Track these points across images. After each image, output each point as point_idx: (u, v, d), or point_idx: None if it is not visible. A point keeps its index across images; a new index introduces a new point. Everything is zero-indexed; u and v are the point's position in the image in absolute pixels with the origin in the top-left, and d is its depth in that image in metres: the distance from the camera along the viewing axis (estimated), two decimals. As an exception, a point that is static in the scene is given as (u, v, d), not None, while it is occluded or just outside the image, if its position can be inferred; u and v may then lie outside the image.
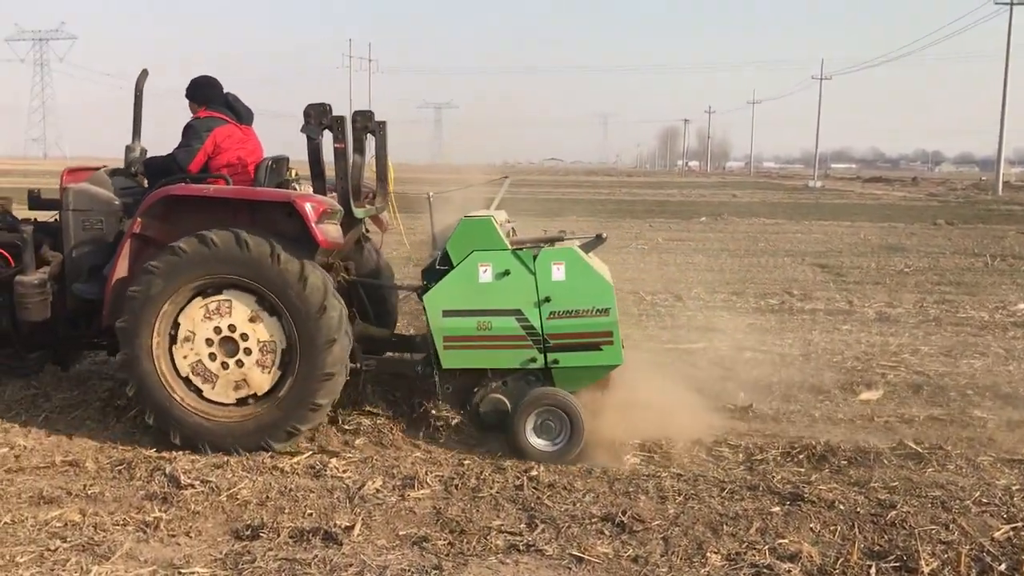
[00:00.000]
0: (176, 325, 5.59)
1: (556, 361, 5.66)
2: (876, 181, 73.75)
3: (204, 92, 6.38)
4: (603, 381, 6.07)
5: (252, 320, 5.56)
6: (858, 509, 4.82)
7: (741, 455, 5.71)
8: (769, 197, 43.96)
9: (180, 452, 5.55)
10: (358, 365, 5.96)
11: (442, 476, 5.24)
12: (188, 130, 6.17)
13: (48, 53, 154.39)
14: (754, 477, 5.31)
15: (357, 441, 5.86)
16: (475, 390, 5.79)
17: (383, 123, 6.16)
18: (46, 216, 6.48)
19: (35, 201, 6.60)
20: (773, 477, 5.27)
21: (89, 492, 4.97)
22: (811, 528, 4.60)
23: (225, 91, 6.44)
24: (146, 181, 6.25)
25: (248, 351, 5.57)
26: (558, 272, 5.60)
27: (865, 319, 10.52)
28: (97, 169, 6.37)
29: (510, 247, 5.68)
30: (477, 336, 5.64)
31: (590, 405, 5.96)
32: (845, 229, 23.49)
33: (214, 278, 5.53)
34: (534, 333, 5.62)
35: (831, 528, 4.60)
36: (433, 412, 6.05)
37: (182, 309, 5.57)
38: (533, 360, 5.66)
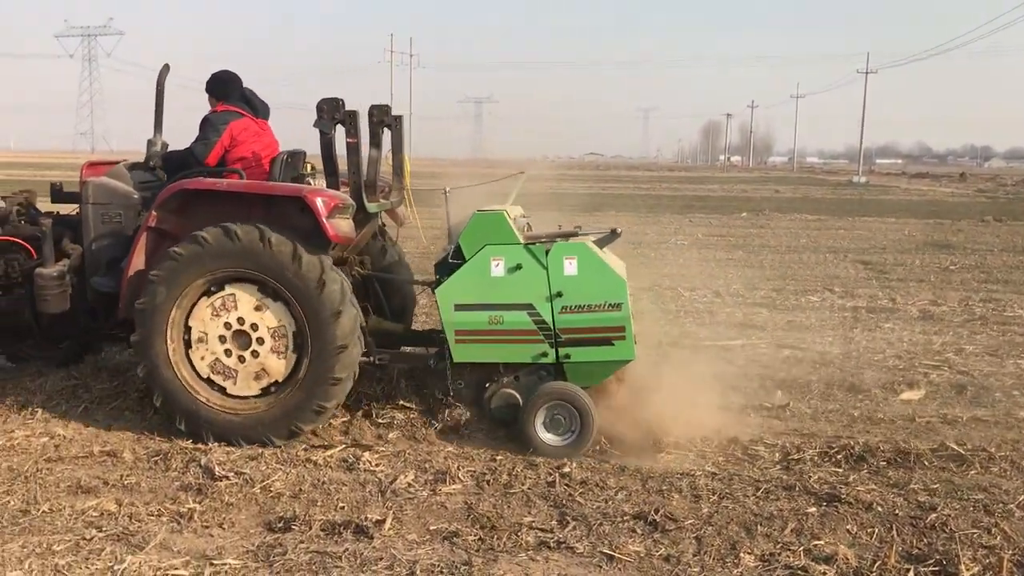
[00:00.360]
0: (188, 329, 5.66)
1: (568, 356, 5.63)
2: (922, 177, 72.55)
3: (223, 86, 6.44)
4: (639, 378, 6.03)
5: (258, 309, 5.60)
6: (897, 511, 4.72)
7: (777, 454, 5.62)
8: (812, 193, 43.41)
9: (215, 444, 5.61)
10: (372, 359, 5.97)
11: (474, 471, 5.23)
12: (205, 124, 6.24)
13: (96, 49, 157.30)
14: (790, 477, 5.22)
15: (390, 435, 5.87)
16: (487, 385, 5.79)
17: (399, 117, 6.18)
18: (69, 209, 6.58)
19: (57, 194, 6.72)
20: (809, 477, 5.18)
21: (125, 482, 5.03)
22: (848, 530, 4.52)
23: (244, 86, 6.48)
24: (165, 175, 6.31)
25: (261, 340, 5.61)
26: (570, 267, 5.57)
27: (908, 317, 10.33)
28: (117, 163, 6.45)
29: (523, 241, 5.66)
30: (489, 330, 5.63)
31: (624, 402, 5.93)
32: (889, 226, 23.10)
33: (215, 275, 5.58)
34: (546, 328, 5.59)
35: (868, 530, 4.51)
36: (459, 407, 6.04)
37: (190, 312, 5.64)
38: (545, 355, 5.64)
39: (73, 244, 6.28)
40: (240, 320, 5.61)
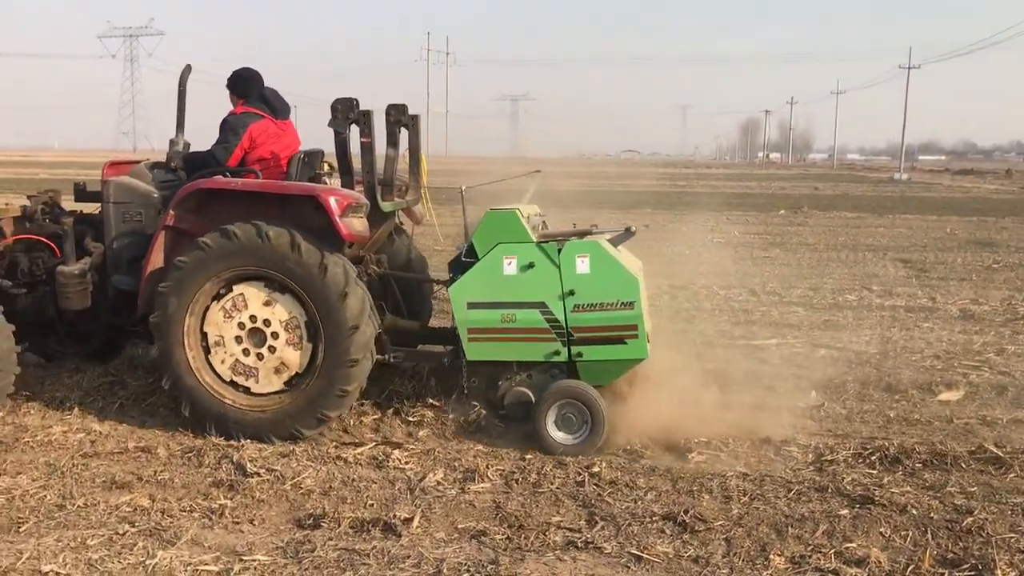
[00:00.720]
0: (204, 335, 5.73)
1: (580, 354, 5.62)
2: (966, 173, 71.21)
3: (244, 85, 6.48)
4: (672, 377, 5.99)
5: (267, 304, 5.66)
6: (932, 514, 4.64)
7: (810, 455, 5.54)
8: (852, 190, 42.85)
9: (248, 440, 5.66)
10: (387, 357, 5.99)
11: (503, 470, 5.22)
12: (224, 126, 6.29)
13: (138, 49, 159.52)
14: (823, 478, 5.15)
15: (420, 433, 5.88)
16: (499, 383, 5.79)
17: (416, 116, 6.27)
18: (93, 208, 6.68)
19: (81, 193, 6.84)
20: (843, 479, 5.11)
21: (159, 478, 5.10)
22: (881, 532, 4.45)
23: (265, 85, 6.52)
24: (185, 175, 6.38)
25: (275, 335, 5.68)
26: (583, 265, 5.55)
27: (948, 316, 10.14)
28: (138, 163, 6.53)
29: (535, 240, 5.65)
30: (501, 328, 5.64)
31: (655, 401, 5.89)
32: (931, 223, 22.73)
33: (220, 277, 5.65)
34: (558, 326, 5.58)
35: (902, 533, 4.44)
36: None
37: (204, 318, 5.71)
38: (557, 353, 5.63)
39: (95, 242, 6.40)
40: (252, 318, 5.68)
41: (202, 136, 6.57)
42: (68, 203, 6.98)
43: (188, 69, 6.82)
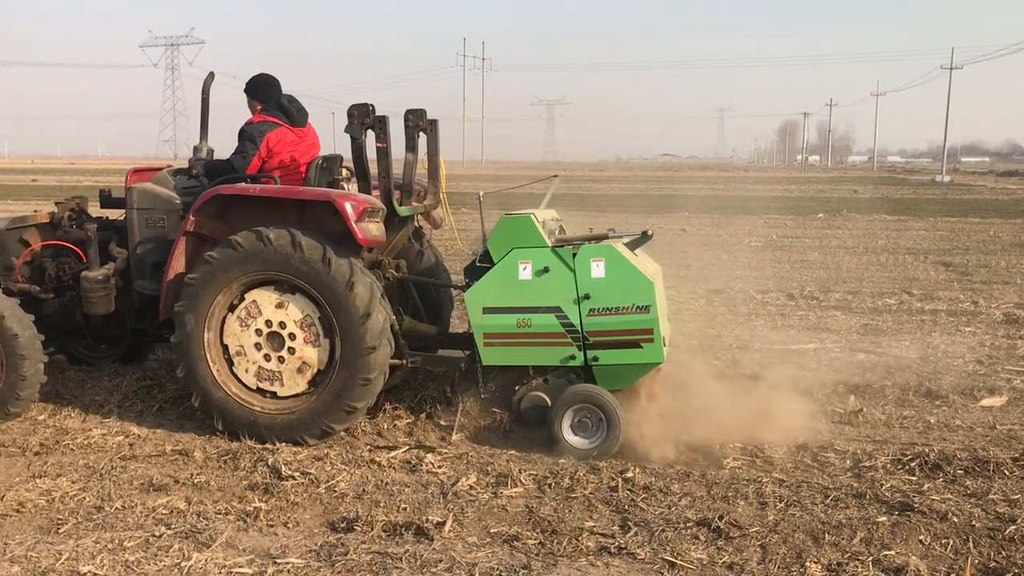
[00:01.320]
0: (225, 347, 5.80)
1: (596, 358, 5.60)
2: (1011, 175, 69.95)
3: (263, 91, 6.54)
4: (707, 381, 5.94)
5: (280, 306, 5.72)
6: (973, 522, 4.54)
7: (848, 461, 5.46)
8: (892, 193, 42.25)
9: (283, 443, 5.70)
10: (404, 361, 6.01)
11: (536, 475, 5.20)
12: (242, 135, 6.34)
13: (178, 58, 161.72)
14: (861, 485, 5.07)
15: (453, 437, 5.88)
16: (516, 387, 5.79)
17: (435, 121, 6.32)
18: (118, 214, 6.78)
19: (106, 200, 6.96)
20: (881, 485, 5.03)
21: (195, 481, 5.15)
22: (920, 540, 4.36)
23: (282, 92, 6.57)
24: (206, 181, 6.44)
25: (292, 336, 5.74)
26: (597, 269, 5.53)
27: (991, 321, 9.96)
28: (161, 169, 6.62)
29: (550, 244, 5.64)
30: (517, 333, 5.63)
31: (690, 405, 5.84)
32: (973, 226, 22.35)
33: (231, 288, 5.71)
34: (573, 330, 5.57)
35: (942, 541, 4.35)
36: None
37: (222, 330, 5.78)
38: (573, 357, 5.61)
39: (119, 248, 6.51)
40: (268, 323, 5.74)
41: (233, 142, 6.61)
42: (95, 209, 7.09)
43: (211, 77, 6.93)
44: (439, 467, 5.35)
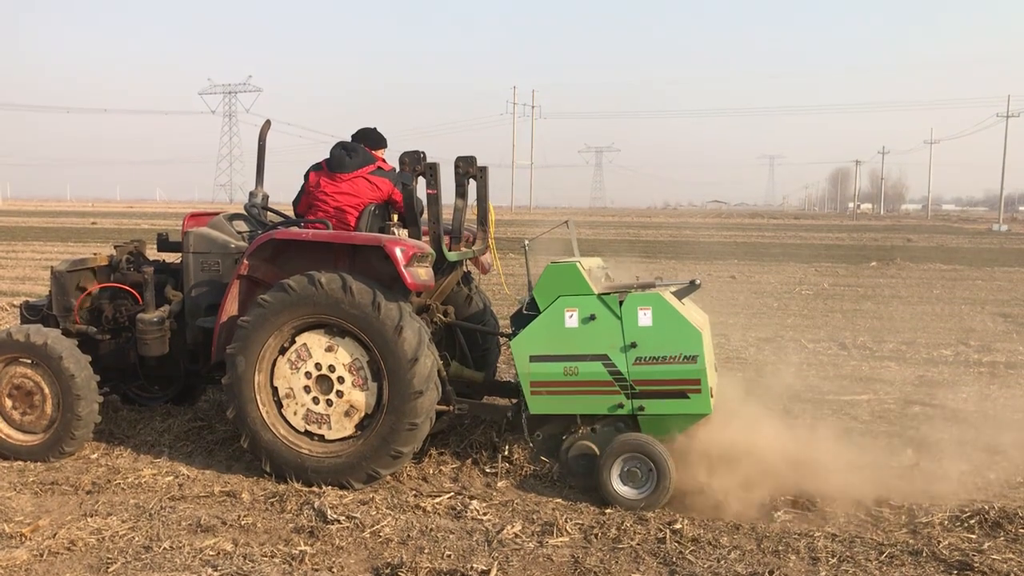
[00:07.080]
0: (275, 390, 5.85)
1: (642, 408, 5.54)
2: (1071, 224, 68.43)
3: (346, 142, 6.61)
4: (758, 432, 5.83)
5: (330, 350, 5.75)
6: (1036, 583, 4.38)
7: (904, 517, 5.32)
8: (947, 241, 41.52)
9: (329, 487, 5.71)
10: (451, 407, 6.00)
11: (582, 524, 5.14)
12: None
13: (236, 105, 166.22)
14: (917, 542, 4.92)
15: (499, 484, 5.85)
16: (564, 437, 5.74)
17: (484, 168, 6.38)
18: (175, 258, 6.92)
19: (163, 243, 7.09)
20: (939, 542, 4.88)
21: (242, 523, 5.17)
22: (980, 601, 4.22)
23: (351, 137, 6.66)
24: (262, 226, 6.54)
25: (341, 379, 5.77)
26: (644, 317, 5.49)
27: (1052, 374, 9.68)
28: (217, 214, 6.74)
29: (596, 292, 5.61)
30: (564, 381, 5.60)
31: (741, 456, 5.74)
32: (1033, 276, 21.84)
33: (283, 330, 5.76)
34: (621, 379, 5.52)
35: (1004, 603, 4.20)
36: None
37: (272, 373, 5.84)
38: (620, 406, 5.56)
39: (175, 291, 6.65)
40: (317, 366, 5.78)
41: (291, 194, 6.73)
42: (152, 252, 7.25)
43: (268, 124, 7.09)
44: (484, 514, 5.31)
